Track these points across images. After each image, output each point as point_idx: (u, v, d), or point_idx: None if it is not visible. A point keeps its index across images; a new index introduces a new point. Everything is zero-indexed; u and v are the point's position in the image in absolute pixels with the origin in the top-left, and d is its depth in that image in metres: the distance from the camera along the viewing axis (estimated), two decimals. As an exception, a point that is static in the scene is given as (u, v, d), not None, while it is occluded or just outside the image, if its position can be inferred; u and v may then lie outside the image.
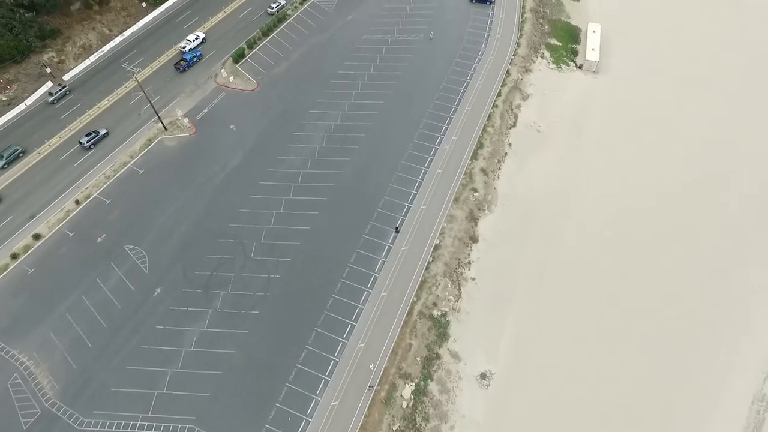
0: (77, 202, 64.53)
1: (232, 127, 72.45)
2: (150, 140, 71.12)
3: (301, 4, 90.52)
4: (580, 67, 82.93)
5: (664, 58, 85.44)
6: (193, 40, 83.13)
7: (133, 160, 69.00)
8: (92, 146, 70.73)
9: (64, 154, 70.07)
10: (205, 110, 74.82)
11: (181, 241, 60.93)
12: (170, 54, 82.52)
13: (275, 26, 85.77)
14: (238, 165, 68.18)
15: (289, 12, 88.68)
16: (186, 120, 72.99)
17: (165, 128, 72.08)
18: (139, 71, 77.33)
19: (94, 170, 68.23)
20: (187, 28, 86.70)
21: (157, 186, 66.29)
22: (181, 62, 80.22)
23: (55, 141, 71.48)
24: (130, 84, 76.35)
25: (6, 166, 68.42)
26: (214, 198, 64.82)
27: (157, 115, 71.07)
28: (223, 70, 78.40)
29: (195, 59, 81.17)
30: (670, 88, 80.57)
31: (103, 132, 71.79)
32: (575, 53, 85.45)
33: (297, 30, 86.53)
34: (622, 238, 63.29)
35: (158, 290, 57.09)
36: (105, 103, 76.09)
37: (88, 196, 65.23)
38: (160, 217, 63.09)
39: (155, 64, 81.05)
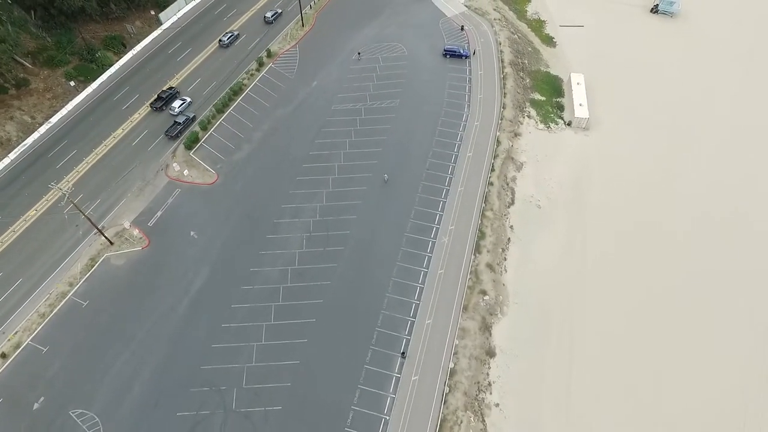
0: (3, 356, 52.02)
1: (192, 234, 61.64)
2: (93, 260, 59.26)
3: (258, 70, 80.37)
4: (569, 124, 77.32)
5: (650, 102, 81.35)
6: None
7: (74, 289, 56.97)
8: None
9: (-16, 288, 57.21)
10: (158, 213, 63.56)
11: (142, 396, 49.72)
12: (109, 144, 70.62)
13: (231, 100, 75.29)
14: (205, 285, 57.53)
15: (245, 81, 78.36)
16: (136, 230, 61.54)
17: (110, 242, 60.39)
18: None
19: (23, 307, 55.71)
20: (126, 108, 74.92)
21: (106, 322, 54.63)
22: None
23: (-29, 272, 58.45)
24: (64, 187, 64.01)
25: None
26: (179, 332, 53.90)
27: (98, 229, 59.38)
28: (175, 164, 67.34)
29: None
30: (663, 137, 76.20)
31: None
32: (561, 108, 79.89)
33: (256, 103, 76.42)
34: (647, 324, 57.23)
35: (119, 471, 46.02)
36: (32, 213, 63.34)
37: (18, 345, 52.79)
38: (114, 365, 51.61)
39: (92, 158, 68.89)
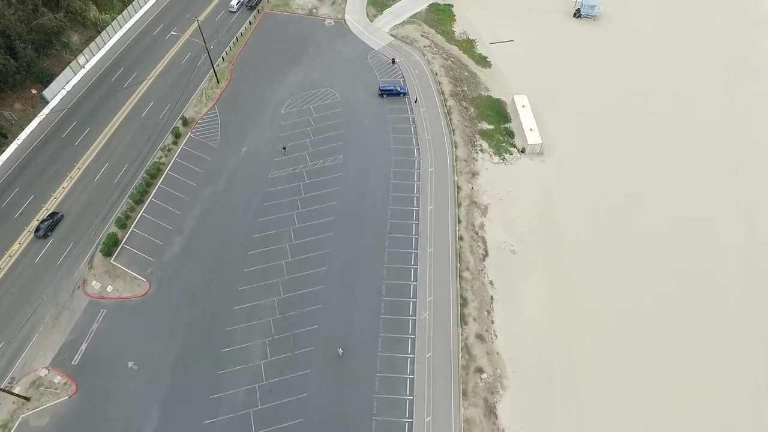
0: None
1: (131, 365, 51.26)
2: (6, 428, 47.49)
3: (175, 143, 69.88)
4: (522, 151, 73.67)
5: (596, 112, 79.31)
6: None
7: (-13, 474, 45.44)
8: None
9: None
10: (83, 346, 52.47)
11: None
12: (3, 266, 58.11)
13: (150, 185, 64.65)
14: (157, 429, 47.51)
15: (162, 160, 67.80)
16: (58, 375, 50.28)
17: (25, 399, 48.84)
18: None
19: None
20: (19, 216, 62.31)
21: None
22: None
23: None
24: (-49, 337, 51.59)
25: None
26: (134, 502, 44.12)
27: (3, 390, 47.67)
28: (94, 282, 56.04)
29: None
30: (616, 145, 74.41)
31: None
32: (511, 134, 76.09)
33: (180, 184, 66.17)
34: (644, 358, 54.07)
35: None
36: None
37: None
38: None
39: (-15, 289, 56.38)
